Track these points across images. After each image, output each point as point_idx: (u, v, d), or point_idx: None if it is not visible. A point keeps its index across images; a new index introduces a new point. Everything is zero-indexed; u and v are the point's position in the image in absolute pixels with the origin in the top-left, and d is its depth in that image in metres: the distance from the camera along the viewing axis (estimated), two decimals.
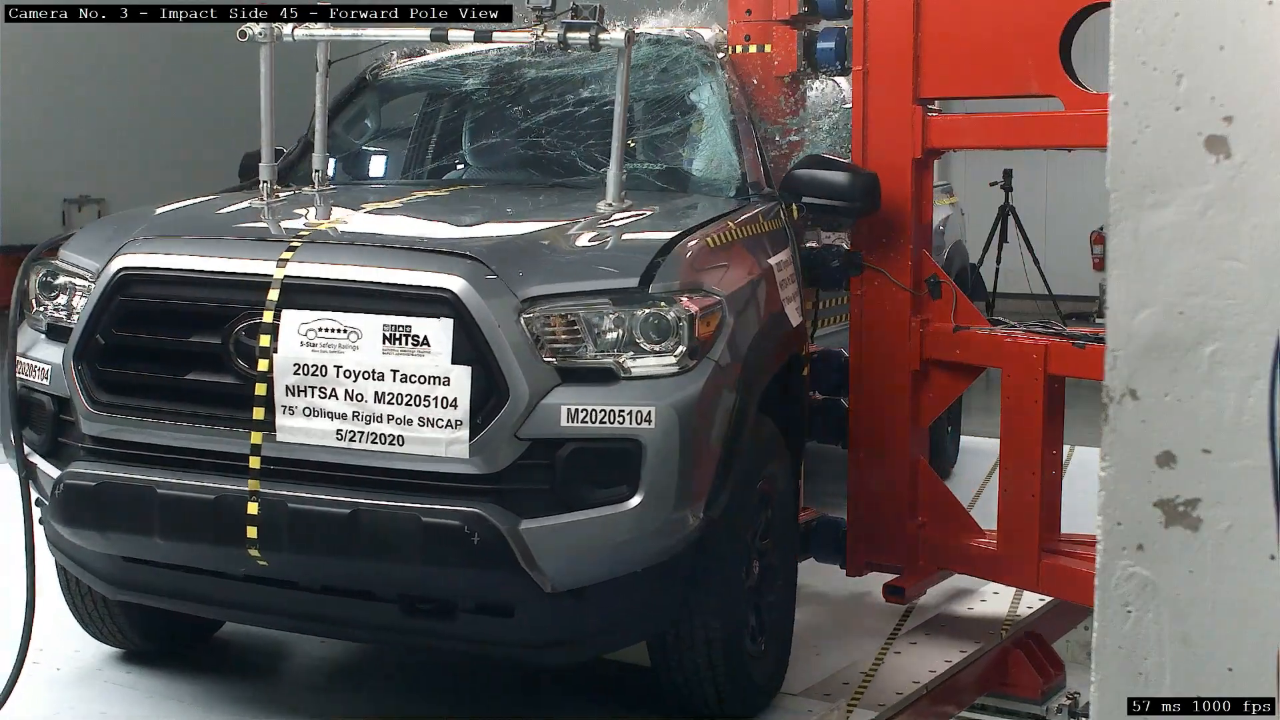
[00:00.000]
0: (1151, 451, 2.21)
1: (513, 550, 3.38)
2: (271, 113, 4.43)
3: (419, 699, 4.25)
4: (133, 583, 3.88)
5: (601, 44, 4.09)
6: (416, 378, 3.40)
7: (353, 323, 3.46)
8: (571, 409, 3.43)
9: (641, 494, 3.45)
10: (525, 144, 4.92)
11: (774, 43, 4.95)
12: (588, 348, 3.50)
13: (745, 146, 4.70)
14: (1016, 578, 4.65)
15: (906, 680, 4.35)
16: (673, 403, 3.47)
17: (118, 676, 4.31)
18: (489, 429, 3.39)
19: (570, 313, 3.49)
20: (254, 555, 3.53)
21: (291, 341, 3.48)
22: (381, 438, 3.43)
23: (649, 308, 3.52)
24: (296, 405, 3.48)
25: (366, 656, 4.62)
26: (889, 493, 4.84)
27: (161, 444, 3.66)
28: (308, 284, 3.55)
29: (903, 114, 4.68)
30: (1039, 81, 4.39)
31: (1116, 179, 2.22)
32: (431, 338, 3.40)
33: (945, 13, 4.57)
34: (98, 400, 3.68)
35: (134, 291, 3.70)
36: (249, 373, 3.52)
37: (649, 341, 3.52)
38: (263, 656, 4.65)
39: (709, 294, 3.68)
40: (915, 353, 4.76)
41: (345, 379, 3.44)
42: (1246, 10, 2.12)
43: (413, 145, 5.46)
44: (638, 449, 3.44)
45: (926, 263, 4.80)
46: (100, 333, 3.69)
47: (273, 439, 3.51)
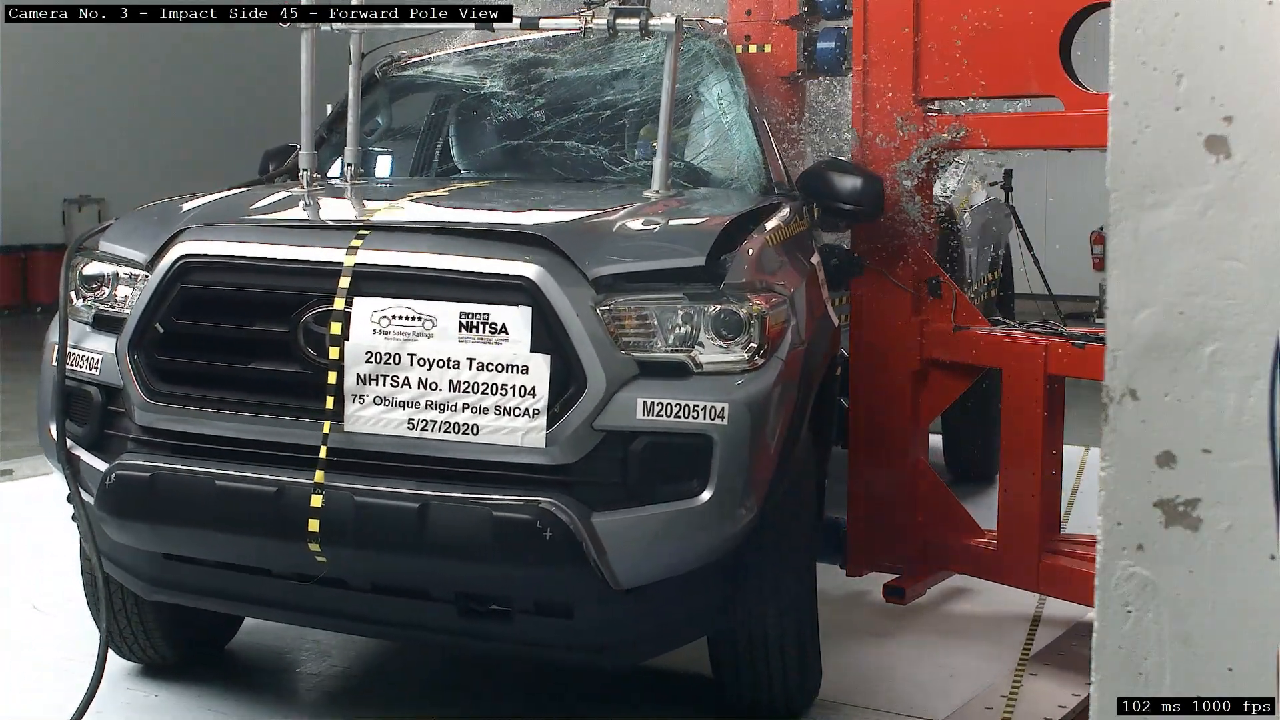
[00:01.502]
0: (1151, 451, 2.21)
1: (584, 544, 3.34)
2: (312, 102, 4.39)
3: (425, 705, 4.24)
4: (171, 581, 3.79)
5: (651, 30, 4.09)
6: (494, 366, 3.37)
7: (428, 310, 3.41)
8: (647, 402, 3.40)
9: (712, 489, 3.42)
10: (544, 143, 4.89)
11: (774, 43, 4.95)
12: (658, 341, 3.47)
13: (766, 143, 4.69)
14: (1016, 578, 4.66)
15: None
16: (744, 399, 3.46)
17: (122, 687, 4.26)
18: (566, 418, 3.36)
19: (642, 306, 3.47)
20: (314, 550, 3.44)
21: (364, 329, 3.43)
22: (456, 426, 3.38)
23: (721, 304, 3.50)
24: (367, 394, 3.42)
25: (376, 667, 4.62)
26: (889, 493, 4.84)
27: (221, 435, 3.58)
28: (381, 271, 3.50)
29: (903, 114, 4.68)
30: (1039, 81, 4.39)
31: (1116, 179, 2.22)
32: (510, 325, 3.37)
33: (945, 13, 4.57)
34: (155, 390, 3.62)
35: (195, 279, 3.64)
36: (318, 361, 3.46)
37: (720, 337, 3.50)
38: (269, 663, 4.63)
39: (776, 292, 3.67)
40: (915, 353, 4.76)
41: (419, 367, 3.40)
42: (1246, 10, 2.12)
43: (426, 143, 5.44)
44: (709, 444, 3.42)
45: (927, 262, 4.80)
46: (160, 321, 3.63)
47: (340, 429, 3.45)
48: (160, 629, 4.24)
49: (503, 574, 3.43)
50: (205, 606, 3.98)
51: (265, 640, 4.70)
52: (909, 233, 4.72)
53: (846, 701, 4.17)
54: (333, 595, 3.63)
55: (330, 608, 3.71)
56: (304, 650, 4.65)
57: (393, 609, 3.66)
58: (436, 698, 4.27)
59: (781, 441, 3.61)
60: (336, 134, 5.07)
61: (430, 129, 5.45)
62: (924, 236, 4.80)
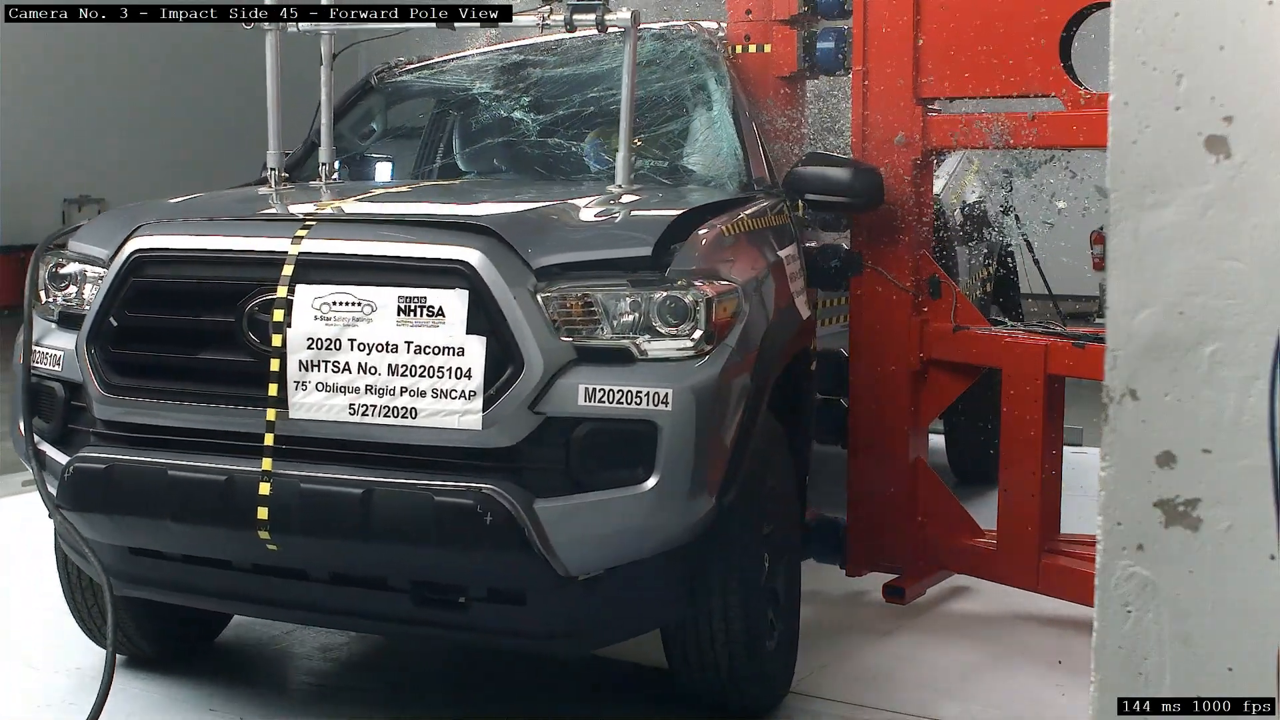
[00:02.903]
0: (1151, 451, 2.21)
1: (526, 529, 3.36)
2: (278, 101, 4.44)
3: (422, 700, 4.24)
4: (139, 577, 3.85)
5: (608, 25, 4.12)
6: (431, 349, 3.41)
7: (367, 295, 3.46)
8: (589, 388, 3.42)
9: (657, 476, 3.43)
10: (531, 144, 4.93)
11: (774, 43, 4.95)
12: (604, 328, 3.49)
13: (749, 141, 4.70)
14: (1016, 578, 4.66)
15: None
16: (690, 385, 3.46)
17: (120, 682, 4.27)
18: (502, 400, 3.38)
19: (587, 293, 3.49)
20: (264, 538, 3.50)
21: (305, 316, 3.48)
22: (395, 410, 3.43)
23: (666, 290, 3.51)
24: (310, 380, 3.47)
25: (370, 658, 4.63)
26: (889, 493, 4.84)
27: (174, 426, 3.64)
28: (323, 259, 3.55)
29: (903, 114, 4.68)
30: (1039, 81, 4.39)
31: (1116, 179, 2.22)
32: (447, 308, 3.41)
33: (945, 13, 4.57)
34: (110, 383, 3.69)
35: (148, 273, 3.71)
36: (262, 349, 3.52)
37: (665, 324, 3.51)
38: (266, 659, 4.64)
39: (726, 280, 3.68)
40: (915, 353, 4.76)
41: (359, 352, 3.44)
42: (1246, 10, 2.12)
43: (420, 148, 5.51)
44: (654, 431, 3.43)
45: (926, 262, 4.80)
46: (113, 315, 3.70)
47: (286, 416, 3.50)
48: (134, 623, 4.27)
49: (447, 560, 3.47)
50: (173, 601, 4.03)
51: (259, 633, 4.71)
52: (907, 231, 4.72)
53: (847, 701, 4.16)
54: (292, 587, 3.69)
55: (290, 599, 3.78)
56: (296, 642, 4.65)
57: (350, 599, 3.70)
58: (428, 692, 4.27)
59: (736, 431, 3.62)
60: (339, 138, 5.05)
61: (427, 132, 5.52)
62: (924, 237, 4.80)
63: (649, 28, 4.88)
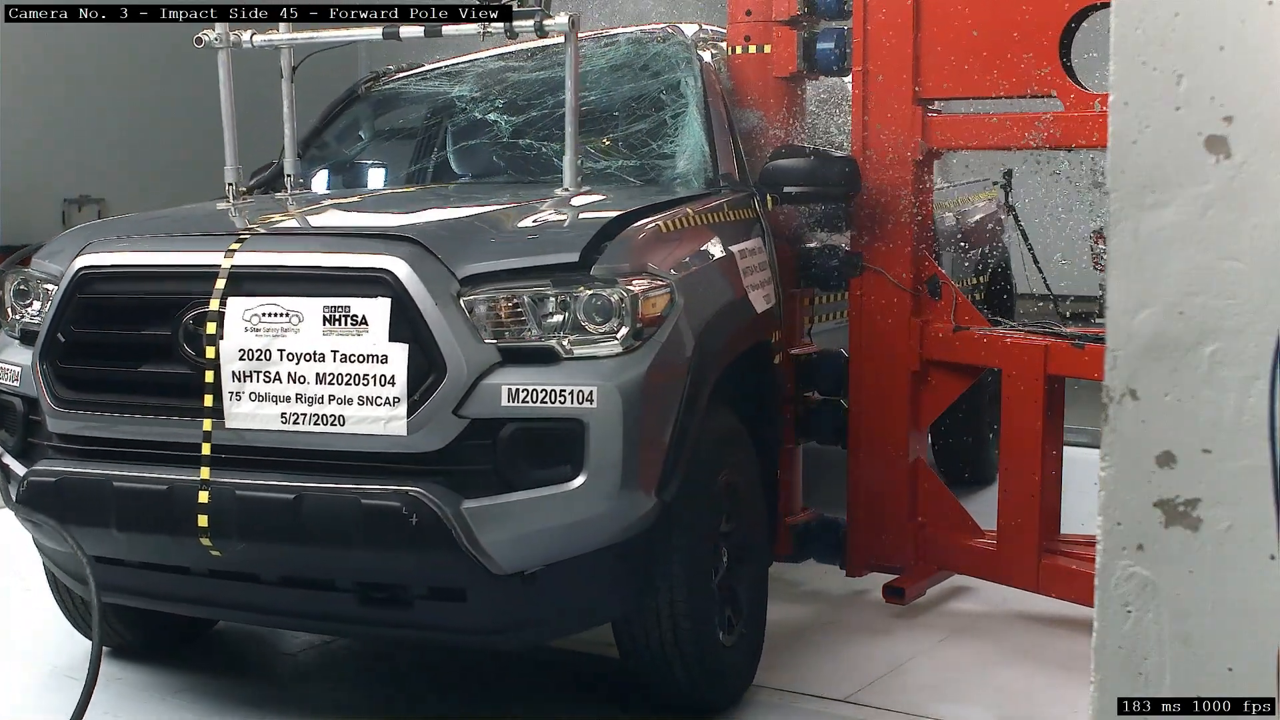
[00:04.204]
0: (1151, 451, 2.21)
1: (453, 530, 3.43)
2: (233, 118, 4.59)
3: (404, 691, 4.26)
4: (106, 584, 3.89)
5: (547, 30, 4.17)
6: (355, 357, 3.48)
7: (295, 306, 3.54)
8: (513, 389, 3.48)
9: (586, 474, 3.48)
10: (505, 147, 5.02)
11: (774, 43, 4.95)
12: (531, 329, 3.55)
13: (719, 139, 4.74)
14: (1016, 578, 4.65)
15: None
16: (616, 382, 3.51)
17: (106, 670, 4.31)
18: (426, 405, 3.45)
19: (514, 294, 3.55)
20: (207, 544, 3.59)
21: (237, 328, 3.57)
22: (324, 418, 3.51)
23: (591, 289, 3.56)
24: (243, 391, 3.56)
25: (360, 651, 4.63)
26: (889, 493, 4.84)
27: (120, 438, 3.75)
28: (254, 272, 3.64)
29: (903, 114, 4.68)
30: (1039, 81, 4.39)
31: (1116, 179, 2.21)
32: (370, 317, 3.49)
33: (945, 13, 4.57)
34: (60, 398, 3.80)
35: (92, 289, 3.81)
36: (198, 361, 3.61)
37: (592, 323, 3.55)
38: (256, 650, 4.69)
39: (656, 276, 3.72)
40: (915, 353, 4.76)
41: (288, 362, 3.53)
42: (1246, 10, 2.12)
43: (412, 154, 5.56)
44: (581, 429, 3.48)
45: (926, 263, 4.80)
46: (61, 331, 3.80)
47: (222, 425, 3.59)
48: (114, 612, 4.33)
49: (381, 560, 3.55)
50: (140, 605, 4.14)
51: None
52: (907, 231, 4.73)
53: (847, 700, 4.17)
54: (245, 590, 3.78)
55: (244, 602, 3.88)
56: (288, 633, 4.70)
57: (300, 601, 3.78)
58: (416, 684, 4.28)
59: (674, 427, 3.65)
60: (315, 146, 5.31)
61: (419, 138, 5.58)
62: (924, 237, 4.81)
63: (624, 32, 4.96)
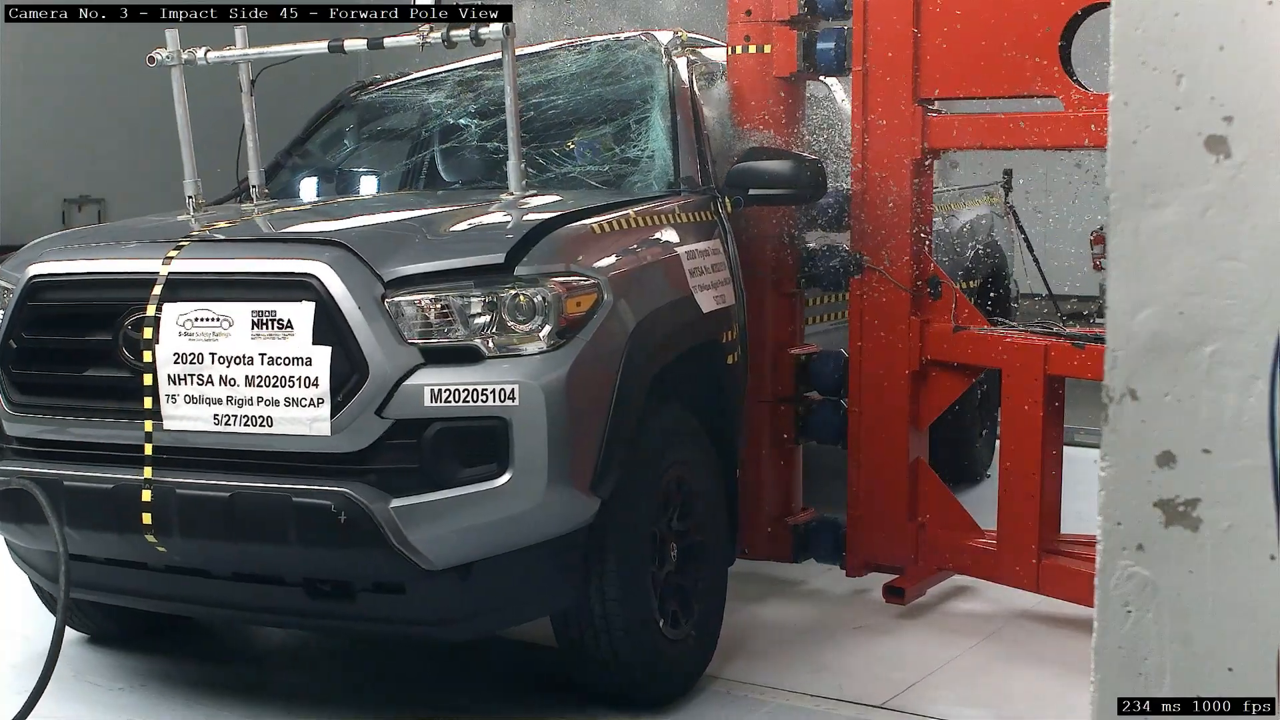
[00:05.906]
0: (1151, 451, 2.21)
1: (382, 529, 3.51)
2: (189, 133, 4.69)
3: (382, 680, 4.27)
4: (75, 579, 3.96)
5: (483, 37, 4.20)
6: (281, 359, 3.57)
7: (225, 311, 3.65)
8: (435, 389, 3.55)
9: (512, 471, 3.55)
10: (477, 152, 5.12)
11: (774, 43, 4.95)
12: (458, 330, 3.60)
13: (683, 142, 4.77)
14: (1016, 578, 4.65)
15: None
16: (539, 380, 3.57)
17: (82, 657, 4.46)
18: (349, 407, 3.53)
19: (440, 296, 3.61)
20: (152, 542, 3.72)
21: (171, 332, 3.68)
22: (253, 420, 3.61)
23: (515, 289, 3.62)
24: (179, 394, 3.67)
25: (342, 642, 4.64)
26: (889, 493, 4.84)
27: (71, 440, 3.88)
28: (188, 278, 3.75)
29: (903, 114, 4.68)
30: (1039, 81, 4.39)
31: (1116, 179, 2.21)
32: (294, 320, 3.57)
33: (945, 13, 4.57)
34: (14, 402, 3.94)
35: (42, 296, 3.94)
36: (136, 365, 3.73)
37: (516, 322, 3.61)
38: (233, 638, 4.76)
39: (584, 275, 3.77)
40: (915, 353, 4.77)
41: (220, 365, 3.63)
42: (1246, 10, 2.12)
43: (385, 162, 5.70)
44: (504, 427, 3.54)
45: (926, 263, 4.80)
46: (13, 338, 3.94)
47: (160, 427, 3.70)
48: (91, 602, 4.42)
49: (315, 557, 3.64)
50: (107, 601, 4.27)
51: None
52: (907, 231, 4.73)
53: (847, 700, 4.17)
54: (200, 584, 3.89)
55: (199, 597, 3.99)
56: None
57: (252, 595, 3.89)
58: (406, 677, 4.28)
59: (608, 424, 3.70)
60: (296, 155, 5.45)
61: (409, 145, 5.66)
62: (924, 237, 4.81)
63: (598, 39, 5.06)
